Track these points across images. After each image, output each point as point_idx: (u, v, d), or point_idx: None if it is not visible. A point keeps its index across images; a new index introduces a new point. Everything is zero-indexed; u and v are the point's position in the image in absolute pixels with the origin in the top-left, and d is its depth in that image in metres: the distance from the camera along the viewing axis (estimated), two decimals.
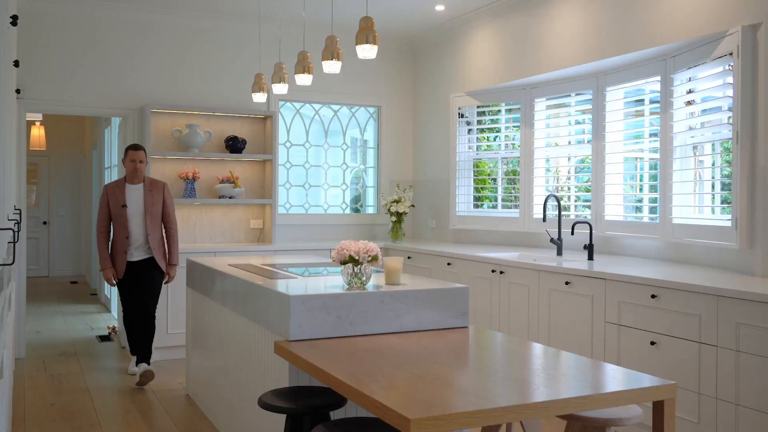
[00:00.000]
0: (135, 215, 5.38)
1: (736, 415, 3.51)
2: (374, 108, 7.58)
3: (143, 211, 5.41)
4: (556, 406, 2.21)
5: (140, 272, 5.44)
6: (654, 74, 5.01)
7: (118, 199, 5.38)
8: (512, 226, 6.31)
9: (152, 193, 5.44)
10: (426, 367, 2.59)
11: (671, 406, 2.41)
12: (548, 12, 5.75)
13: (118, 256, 5.39)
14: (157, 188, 5.48)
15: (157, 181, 5.53)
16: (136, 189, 5.43)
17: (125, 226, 5.36)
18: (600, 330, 4.34)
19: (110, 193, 5.42)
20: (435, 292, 3.36)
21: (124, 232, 5.36)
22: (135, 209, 5.39)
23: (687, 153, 4.80)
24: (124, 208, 5.35)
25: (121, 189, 5.41)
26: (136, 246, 5.41)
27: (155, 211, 5.43)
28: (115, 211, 5.38)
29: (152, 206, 5.41)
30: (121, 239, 5.37)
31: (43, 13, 6.22)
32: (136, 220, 5.38)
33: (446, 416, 2.03)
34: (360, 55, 3.62)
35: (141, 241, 5.41)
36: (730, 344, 3.53)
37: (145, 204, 5.41)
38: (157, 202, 5.45)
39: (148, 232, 5.39)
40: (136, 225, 5.39)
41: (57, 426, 4.43)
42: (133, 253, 5.41)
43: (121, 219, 5.35)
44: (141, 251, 5.44)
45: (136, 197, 5.42)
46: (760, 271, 4.00)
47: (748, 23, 4.09)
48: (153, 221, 5.41)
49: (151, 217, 5.40)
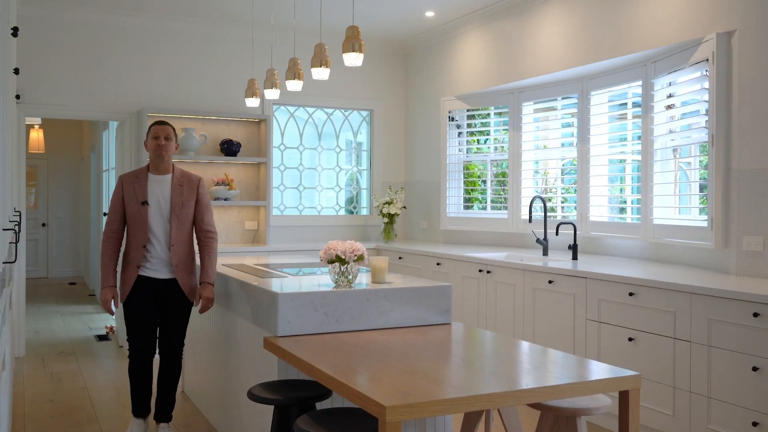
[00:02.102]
0: (157, 216, 4.00)
1: (708, 408, 3.66)
2: (367, 111, 7.73)
3: (168, 211, 4.02)
4: (525, 395, 2.36)
5: (164, 296, 4.05)
6: (636, 79, 5.16)
7: (136, 194, 3.99)
8: (501, 227, 6.46)
9: (182, 189, 4.06)
10: (407, 361, 2.74)
11: (636, 396, 2.56)
12: (534, 19, 5.90)
13: (128, 272, 3.99)
14: (189, 183, 4.10)
15: (191, 175, 4.15)
16: (162, 182, 4.06)
17: (144, 230, 3.97)
18: (581, 327, 4.49)
19: (127, 185, 4.04)
20: (419, 290, 3.51)
21: (142, 239, 3.97)
22: (158, 208, 4.01)
23: (667, 155, 4.95)
24: (144, 206, 3.97)
25: (142, 180, 4.03)
26: (159, 259, 4.01)
27: (184, 214, 4.03)
28: (131, 210, 3.99)
29: (181, 206, 4.03)
30: (136, 248, 3.98)
31: (42, 20, 6.36)
32: (159, 223, 4.00)
33: (419, 404, 2.18)
34: (347, 63, 3.77)
35: (163, 253, 4.03)
36: (703, 340, 3.68)
37: (172, 202, 4.02)
38: (188, 201, 4.06)
39: (172, 241, 3.99)
40: (159, 229, 4.00)
41: (56, 422, 4.57)
42: (155, 267, 4.01)
43: (140, 221, 3.97)
44: (164, 266, 4.03)
45: (161, 192, 4.04)
46: (734, 270, 4.15)
47: (723, 30, 4.24)
48: (179, 227, 4.02)
49: (178, 221, 4.01)
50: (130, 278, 3.99)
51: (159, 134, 4.07)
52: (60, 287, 11.46)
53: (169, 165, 4.09)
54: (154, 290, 4.03)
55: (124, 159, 6.83)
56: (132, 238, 4.02)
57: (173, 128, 4.16)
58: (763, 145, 4.01)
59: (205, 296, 3.99)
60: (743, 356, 3.48)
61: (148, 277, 4.01)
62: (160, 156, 4.04)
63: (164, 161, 4.05)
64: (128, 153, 6.72)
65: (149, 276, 4.01)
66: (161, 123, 4.16)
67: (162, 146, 4.04)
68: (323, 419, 2.56)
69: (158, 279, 4.02)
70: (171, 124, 4.18)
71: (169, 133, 4.10)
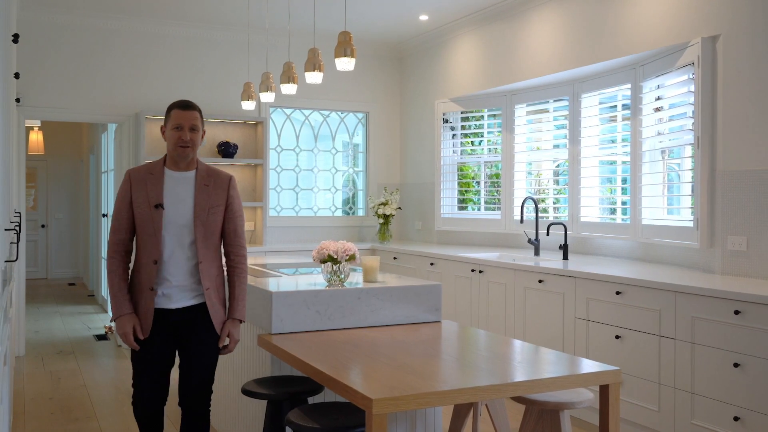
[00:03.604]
0: (175, 224, 3.03)
1: (692, 403, 3.75)
2: (363, 113, 7.82)
3: (192, 217, 3.05)
4: (507, 388, 2.45)
5: (182, 331, 3.10)
6: (625, 82, 5.25)
7: (149, 194, 3.04)
8: (494, 227, 6.55)
9: (209, 190, 3.11)
10: (396, 357, 2.83)
11: (616, 390, 2.65)
12: (526, 23, 5.99)
13: (143, 298, 3.04)
14: (218, 183, 3.15)
15: (220, 172, 3.19)
16: (183, 180, 3.11)
17: (156, 242, 3.01)
18: (570, 325, 4.58)
19: (136, 182, 3.08)
20: (409, 289, 3.60)
21: (153, 252, 3.01)
22: (177, 213, 3.04)
23: (656, 157, 5.04)
24: (158, 210, 3.01)
25: (157, 178, 3.08)
26: (176, 281, 3.05)
27: (211, 221, 3.08)
28: (141, 215, 3.03)
29: (207, 211, 3.08)
30: (146, 265, 3.02)
31: (41, 24, 6.45)
32: (177, 233, 3.04)
33: (404, 397, 2.27)
34: (339, 68, 3.87)
35: (184, 273, 3.05)
36: (687, 337, 3.77)
37: (196, 206, 3.06)
38: (217, 206, 3.11)
39: (199, 257, 3.05)
40: (176, 241, 3.04)
41: (55, 418, 4.67)
42: (170, 292, 3.05)
43: (152, 229, 3.01)
44: (184, 291, 3.07)
45: (182, 193, 3.08)
46: (719, 269, 4.24)
47: (708, 35, 4.34)
48: (206, 239, 3.07)
49: (204, 230, 3.06)
50: (147, 307, 3.02)
51: (182, 124, 3.05)
52: (59, 288, 11.55)
53: (193, 160, 3.14)
54: (170, 324, 3.06)
55: (122, 161, 6.92)
56: (141, 252, 3.03)
57: (200, 112, 3.12)
58: (747, 147, 4.11)
59: (235, 339, 3.12)
60: (725, 353, 3.57)
61: (161, 309, 3.04)
62: (184, 154, 3.08)
63: (188, 158, 3.10)
64: (126, 155, 6.82)
65: (169, 306, 3.04)
66: (185, 106, 3.09)
67: (186, 141, 3.05)
68: (313, 413, 2.65)
69: (173, 310, 3.05)
70: (197, 106, 3.14)
71: (196, 122, 3.08)
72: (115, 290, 3.04)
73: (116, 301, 3.04)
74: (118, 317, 3.03)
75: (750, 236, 4.08)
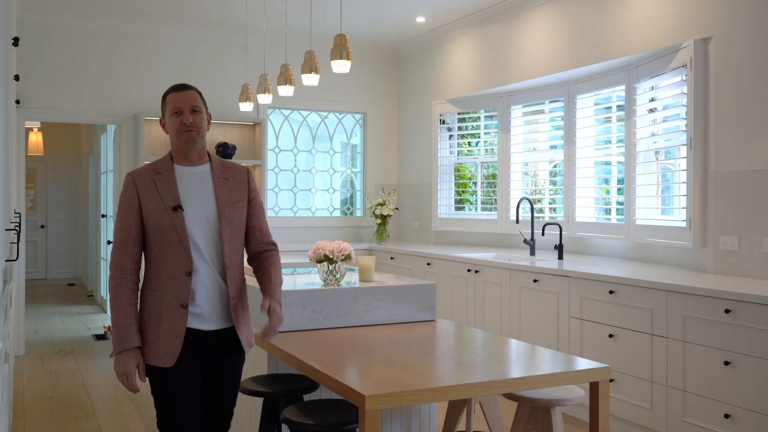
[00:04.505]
0: (198, 226, 2.59)
1: (684, 401, 3.80)
2: (360, 114, 7.87)
3: (216, 216, 2.62)
4: (498, 385, 2.50)
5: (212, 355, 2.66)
6: (619, 83, 5.30)
7: (162, 196, 2.58)
8: (490, 227, 6.60)
9: (229, 184, 2.69)
10: (391, 355, 2.87)
11: (605, 387, 2.69)
12: (522, 25, 6.04)
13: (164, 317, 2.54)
14: (236, 176, 2.74)
15: (235, 165, 2.80)
16: (197, 175, 2.67)
17: (185, 248, 2.55)
18: (565, 324, 4.63)
19: (143, 186, 2.61)
20: (404, 288, 3.64)
21: (183, 262, 2.55)
22: (197, 214, 2.60)
23: (649, 158, 5.09)
24: (178, 213, 2.56)
25: (167, 176, 2.62)
26: (207, 294, 2.60)
27: (236, 219, 2.68)
28: (158, 222, 2.56)
29: (232, 209, 2.67)
30: (174, 279, 2.55)
31: (40, 27, 6.50)
32: (203, 237, 2.60)
33: (397, 393, 2.32)
34: (335, 70, 3.92)
35: (213, 284, 2.61)
36: (678, 335, 3.82)
37: (218, 202, 2.64)
38: (240, 201, 2.71)
39: (226, 262, 2.61)
40: (203, 246, 2.59)
41: (55, 416, 4.71)
42: (202, 311, 2.59)
43: (176, 236, 2.55)
44: (220, 306, 2.63)
45: (199, 190, 2.65)
46: (711, 269, 4.29)
47: (700, 37, 4.39)
48: (233, 241, 2.66)
49: (231, 230, 2.65)
50: (174, 328, 2.52)
51: (181, 107, 2.63)
52: (59, 288, 11.59)
53: (203, 150, 2.70)
54: (201, 348, 2.61)
55: (121, 161, 6.97)
56: (163, 265, 2.56)
57: (199, 93, 2.72)
58: (739, 147, 4.16)
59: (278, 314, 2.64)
60: (716, 351, 3.62)
61: (193, 329, 2.57)
62: (190, 139, 2.61)
63: (196, 146, 2.65)
64: (126, 155, 6.86)
65: (196, 328, 2.57)
66: (180, 87, 2.70)
67: (189, 124, 2.61)
68: (308, 409, 2.69)
69: (211, 331, 2.61)
70: (194, 86, 2.75)
71: (196, 102, 2.66)
72: (121, 318, 2.52)
73: (121, 332, 2.51)
74: (121, 352, 2.50)
75: (741, 236, 4.13)
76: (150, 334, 2.56)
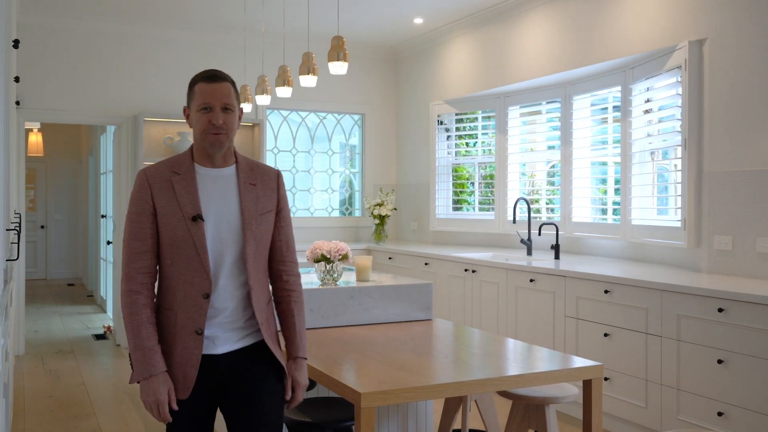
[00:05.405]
0: (219, 239, 2.25)
1: (678, 399, 3.84)
2: (358, 115, 7.91)
3: (240, 228, 2.26)
4: (492, 383, 2.53)
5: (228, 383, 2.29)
6: (615, 84, 5.34)
7: (180, 202, 2.23)
8: (488, 227, 6.63)
9: (256, 191, 2.32)
10: (387, 354, 2.91)
11: (598, 385, 2.73)
12: (519, 26, 6.08)
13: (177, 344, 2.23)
14: (264, 180, 2.36)
15: (265, 167, 2.42)
16: (221, 179, 2.30)
17: (203, 266, 2.21)
18: (561, 323, 4.67)
19: (158, 187, 2.25)
20: (401, 288, 3.68)
21: (202, 283, 2.22)
22: (219, 225, 2.25)
23: (645, 158, 5.13)
24: (197, 224, 2.21)
25: (187, 178, 2.26)
26: (225, 318, 2.26)
27: (263, 232, 2.32)
28: (174, 232, 2.23)
29: (258, 221, 2.30)
30: (190, 300, 2.22)
31: (40, 28, 6.53)
32: (223, 252, 2.25)
33: (392, 390, 2.35)
34: (332, 71, 3.95)
35: (234, 306, 2.26)
36: (672, 334, 3.86)
37: (243, 213, 2.28)
38: (268, 212, 2.33)
39: (249, 282, 2.26)
40: (223, 262, 2.25)
41: (55, 415, 4.75)
42: (214, 334, 2.25)
43: (193, 251, 2.21)
44: (236, 329, 2.28)
45: (222, 197, 2.29)
46: (706, 268, 4.33)
47: (695, 38, 4.43)
48: (257, 257, 2.30)
49: (256, 245, 2.28)
50: (188, 357, 2.21)
51: (211, 103, 2.23)
52: (58, 288, 11.63)
53: (230, 152, 2.32)
54: (211, 373, 2.26)
55: (120, 162, 7.00)
56: (177, 283, 2.23)
57: (233, 84, 2.31)
58: (733, 148, 4.20)
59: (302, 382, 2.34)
60: (709, 350, 3.66)
61: (213, 354, 2.25)
62: (217, 142, 2.24)
63: (223, 149, 2.28)
64: (125, 156, 6.90)
65: (216, 351, 2.25)
66: (213, 77, 2.27)
67: (218, 127, 2.23)
68: (305, 407, 2.73)
69: (219, 356, 2.25)
70: (228, 76, 2.32)
71: (229, 99, 2.26)
72: (142, 339, 2.18)
73: (143, 355, 2.17)
74: (148, 378, 2.17)
75: (735, 236, 4.17)
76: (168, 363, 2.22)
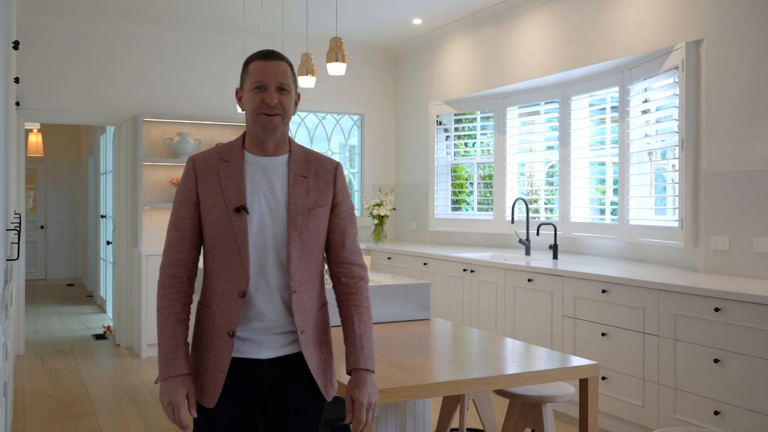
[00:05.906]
0: (263, 235, 2.06)
1: (674, 398, 3.85)
2: (358, 116, 7.93)
3: (285, 223, 2.07)
4: (489, 381, 2.55)
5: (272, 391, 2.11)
6: (613, 85, 5.36)
7: (225, 191, 2.06)
8: (487, 227, 6.65)
9: (308, 184, 2.12)
10: (385, 353, 2.93)
11: (595, 384, 2.75)
12: (518, 27, 6.10)
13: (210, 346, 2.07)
14: (320, 173, 2.15)
15: (322, 158, 2.19)
16: (272, 168, 2.11)
17: (242, 263, 2.03)
18: (558, 323, 4.69)
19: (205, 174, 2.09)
20: (399, 287, 3.70)
21: (239, 280, 2.04)
22: (263, 218, 2.07)
23: (643, 158, 5.14)
24: (241, 215, 2.04)
25: (235, 166, 2.09)
26: (267, 320, 2.07)
27: (312, 229, 2.11)
28: (216, 223, 2.06)
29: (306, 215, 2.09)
30: (225, 298, 2.05)
31: (40, 29, 6.55)
32: (266, 248, 2.06)
33: (389, 389, 2.37)
34: (330, 72, 3.97)
35: (276, 309, 2.07)
36: (669, 334, 3.88)
37: (289, 208, 2.08)
38: (320, 207, 2.12)
39: (292, 284, 2.05)
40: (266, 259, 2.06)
41: (54, 415, 4.76)
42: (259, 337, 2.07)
43: (234, 245, 2.04)
44: (278, 334, 2.09)
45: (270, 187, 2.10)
46: (703, 268, 4.35)
47: (692, 39, 4.45)
48: (305, 255, 2.10)
49: (301, 242, 2.08)
50: (218, 360, 2.05)
51: (266, 82, 2.05)
52: (58, 288, 11.64)
53: (284, 139, 2.14)
54: (254, 381, 2.08)
55: (120, 163, 7.01)
56: (217, 278, 2.08)
57: (290, 65, 2.12)
58: (729, 148, 4.22)
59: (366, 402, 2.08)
60: (706, 349, 3.68)
61: (244, 359, 2.07)
62: (270, 124, 2.06)
63: (276, 133, 2.08)
64: (125, 157, 6.91)
65: (246, 356, 2.07)
66: (269, 55, 2.09)
67: (272, 106, 2.04)
68: None
69: (263, 361, 2.08)
70: (285, 57, 2.14)
71: (285, 78, 2.07)
72: (168, 338, 2.05)
73: (167, 354, 2.04)
74: (167, 378, 2.02)
75: (732, 236, 4.19)
76: (198, 362, 2.08)
